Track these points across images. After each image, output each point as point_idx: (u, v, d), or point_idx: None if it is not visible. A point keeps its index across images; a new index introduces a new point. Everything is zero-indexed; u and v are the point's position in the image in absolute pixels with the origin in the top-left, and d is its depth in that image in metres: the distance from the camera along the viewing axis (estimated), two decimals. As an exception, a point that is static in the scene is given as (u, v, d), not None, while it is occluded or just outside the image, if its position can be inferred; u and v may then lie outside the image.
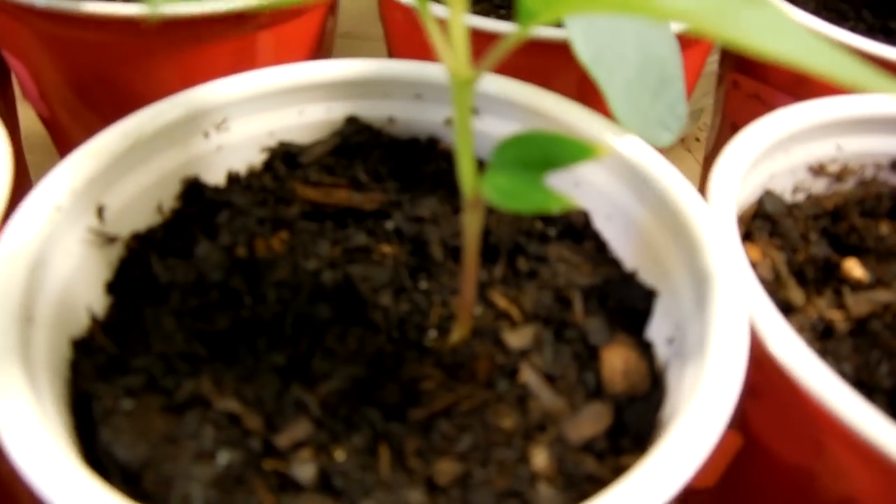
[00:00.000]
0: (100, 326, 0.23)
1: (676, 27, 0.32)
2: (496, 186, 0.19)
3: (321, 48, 0.42)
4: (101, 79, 0.36)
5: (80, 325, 0.23)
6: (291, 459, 0.20)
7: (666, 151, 0.27)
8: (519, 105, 0.28)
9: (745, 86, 0.43)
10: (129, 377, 0.21)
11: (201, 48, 0.36)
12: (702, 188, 0.57)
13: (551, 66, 0.35)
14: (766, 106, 0.42)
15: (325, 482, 0.20)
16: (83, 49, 0.35)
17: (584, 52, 0.25)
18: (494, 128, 0.29)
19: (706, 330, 0.21)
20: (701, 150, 0.63)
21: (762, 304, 0.22)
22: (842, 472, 0.21)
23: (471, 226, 0.21)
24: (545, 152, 0.19)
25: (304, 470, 0.20)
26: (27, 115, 0.44)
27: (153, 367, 0.21)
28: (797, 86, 0.40)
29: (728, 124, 0.46)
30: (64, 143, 0.43)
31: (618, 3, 0.15)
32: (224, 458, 0.20)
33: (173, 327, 0.23)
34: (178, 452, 0.19)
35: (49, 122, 0.41)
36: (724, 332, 0.20)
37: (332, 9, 0.42)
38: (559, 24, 0.30)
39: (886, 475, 0.20)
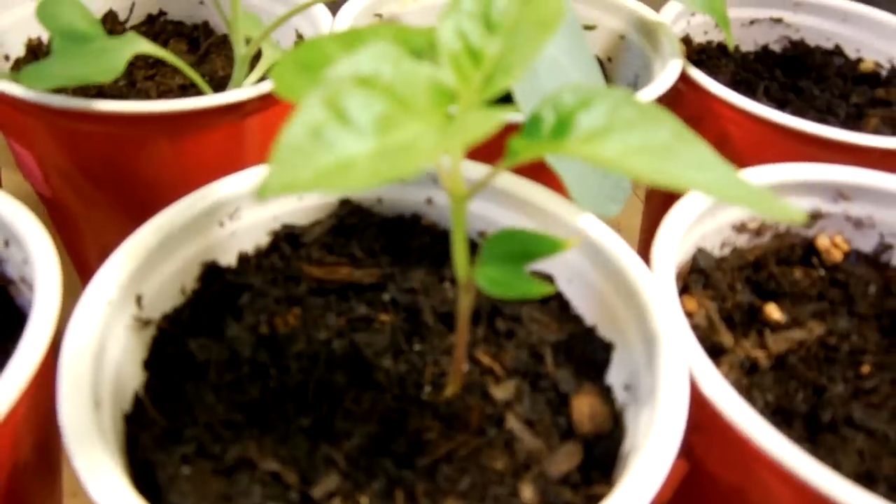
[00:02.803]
0: (150, 401, 0.27)
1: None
2: (487, 277, 0.24)
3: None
4: (107, 163, 0.40)
5: (128, 400, 0.27)
6: (326, 507, 0.24)
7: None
8: (499, 190, 0.33)
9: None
10: (183, 446, 0.25)
11: (196, 134, 0.40)
12: (643, 226, 0.63)
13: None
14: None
15: (355, 524, 0.24)
16: (92, 139, 0.39)
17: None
18: (480, 208, 0.34)
19: (656, 381, 0.26)
20: (641, 187, 0.69)
21: (698, 356, 0.27)
22: (768, 491, 0.27)
23: (464, 304, 0.26)
24: (525, 247, 0.24)
25: (337, 516, 0.24)
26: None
27: (202, 436, 0.26)
28: (719, 146, 0.46)
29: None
30: (62, 218, 0.46)
31: (576, 152, 0.20)
32: (269, 516, 0.24)
33: (213, 400, 0.27)
34: (235, 508, 0.23)
35: (49, 200, 0.45)
36: (671, 383, 0.26)
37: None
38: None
39: (802, 493, 0.25)
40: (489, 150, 0.27)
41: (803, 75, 0.56)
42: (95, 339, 0.25)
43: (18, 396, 0.24)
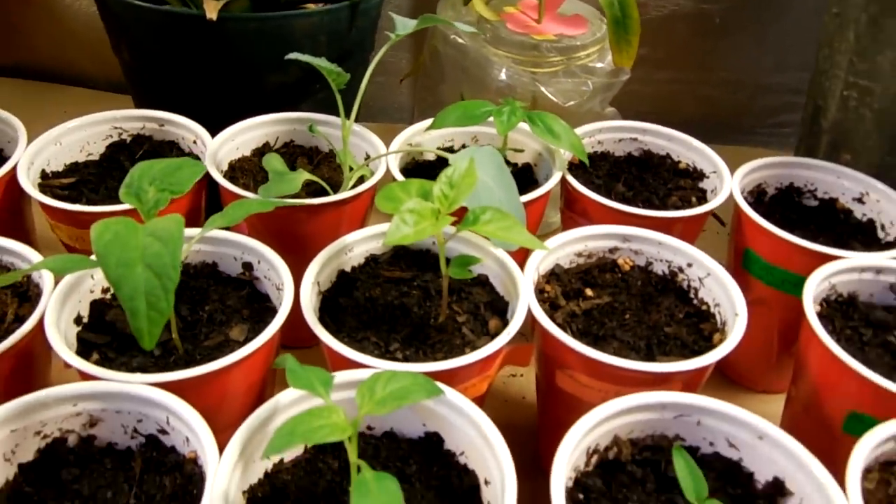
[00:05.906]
0: (327, 318, 0.71)
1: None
2: (452, 272, 0.68)
3: (371, 206, 0.90)
4: (279, 226, 0.84)
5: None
6: (394, 353, 0.68)
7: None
8: (463, 238, 0.77)
9: (567, 213, 0.92)
10: (341, 334, 0.69)
11: (323, 213, 0.84)
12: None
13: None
14: (575, 222, 0.91)
15: (405, 358, 0.67)
16: (275, 216, 0.83)
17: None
18: (456, 245, 0.78)
19: (517, 313, 0.69)
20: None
21: (537, 307, 0.70)
22: (566, 360, 0.69)
23: (444, 285, 0.70)
24: (466, 261, 0.68)
25: (398, 356, 0.67)
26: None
27: (348, 331, 0.69)
28: (583, 215, 0.89)
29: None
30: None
31: (480, 229, 0.64)
32: (374, 355, 0.67)
33: (350, 319, 0.71)
34: (364, 350, 0.67)
35: (245, 242, 0.89)
36: (519, 313, 0.69)
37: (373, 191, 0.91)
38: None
39: (579, 357, 0.68)
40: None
41: (647, 171, 0.99)
42: (309, 294, 0.69)
43: (279, 326, 0.68)
